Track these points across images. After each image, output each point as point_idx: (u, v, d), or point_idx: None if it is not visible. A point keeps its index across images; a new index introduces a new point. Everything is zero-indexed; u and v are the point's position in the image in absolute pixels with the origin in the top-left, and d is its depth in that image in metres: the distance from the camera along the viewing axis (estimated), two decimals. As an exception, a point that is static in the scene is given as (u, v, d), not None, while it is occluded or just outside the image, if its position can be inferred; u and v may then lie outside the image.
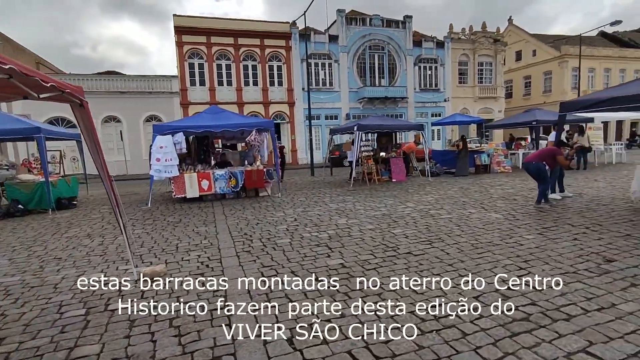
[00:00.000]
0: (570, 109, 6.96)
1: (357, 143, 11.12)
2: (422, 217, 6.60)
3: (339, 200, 8.87)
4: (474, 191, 9.30)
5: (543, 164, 7.05)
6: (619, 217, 5.89)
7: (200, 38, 23.53)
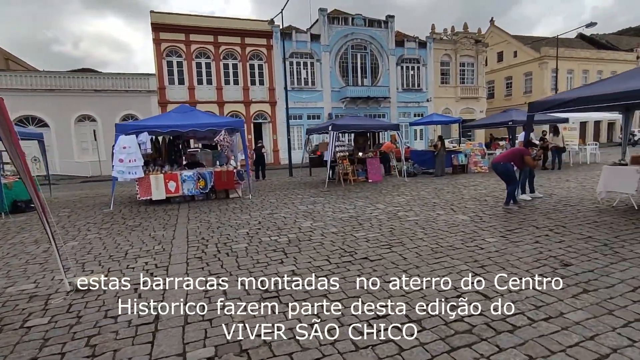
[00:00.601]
0: (538, 109, 6.91)
1: (331, 143, 10.93)
2: (388, 219, 6.44)
3: (309, 201, 8.66)
4: (446, 192, 9.21)
5: (511, 165, 6.98)
6: (583, 219, 5.83)
7: (179, 36, 23.01)
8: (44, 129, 20.84)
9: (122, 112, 22.32)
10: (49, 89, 20.48)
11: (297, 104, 26.22)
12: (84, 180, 18.83)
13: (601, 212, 6.22)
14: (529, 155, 6.97)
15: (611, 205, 6.71)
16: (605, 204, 6.84)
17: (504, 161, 7.00)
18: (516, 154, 7.04)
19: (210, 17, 24.09)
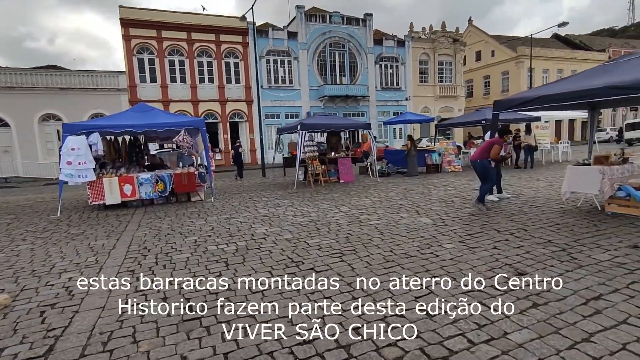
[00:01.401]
0: (502, 108, 6.72)
1: (300, 143, 10.58)
2: (349, 223, 6.14)
3: (273, 204, 8.29)
4: (415, 192, 8.99)
5: (487, 162, 6.77)
6: (547, 221, 5.66)
7: (150, 32, 22.22)
8: (4, 128, 19.83)
9: (90, 111, 21.40)
10: (9, 87, 19.43)
11: (275, 102, 25.80)
12: (47, 183, 17.92)
13: (565, 214, 6.07)
14: (499, 145, 6.73)
15: (575, 206, 6.58)
16: (570, 205, 6.72)
17: (480, 158, 6.81)
18: (488, 146, 6.81)
19: (182, 13, 23.36)
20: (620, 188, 5.87)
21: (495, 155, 6.70)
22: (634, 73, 5.04)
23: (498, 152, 6.72)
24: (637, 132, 24.95)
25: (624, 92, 4.88)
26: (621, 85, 4.91)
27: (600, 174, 5.86)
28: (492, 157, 6.74)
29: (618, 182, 6.19)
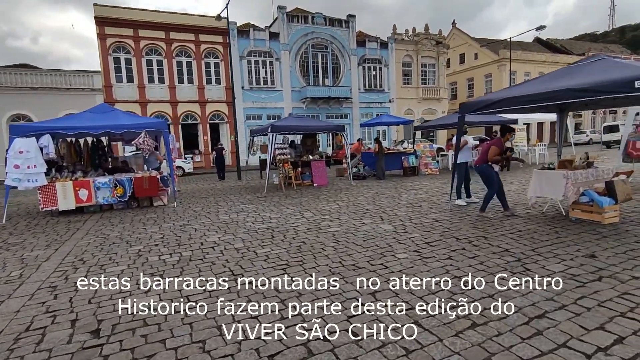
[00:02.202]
0: (468, 110, 6.52)
1: (271, 145, 10.27)
2: (307, 230, 5.85)
3: (236, 209, 7.96)
4: (386, 197, 8.76)
5: (487, 166, 6.24)
6: (509, 227, 5.46)
7: (126, 31, 21.63)
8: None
9: (63, 112, 20.53)
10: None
11: (256, 104, 25.43)
12: (14, 186, 17.16)
13: (529, 219, 5.89)
14: (497, 147, 6.18)
15: (542, 211, 6.42)
16: (536, 210, 6.56)
17: (479, 162, 6.39)
18: (487, 149, 6.28)
19: (160, 12, 22.82)
20: (583, 193, 5.72)
21: (492, 157, 6.17)
22: (594, 76, 4.89)
23: (496, 153, 6.15)
24: (614, 134, 25.29)
25: (584, 94, 4.72)
26: (581, 88, 4.75)
27: (564, 178, 5.70)
28: (490, 160, 6.20)
29: (582, 187, 6.06)
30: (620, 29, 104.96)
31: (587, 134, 33.86)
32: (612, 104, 7.06)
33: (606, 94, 4.51)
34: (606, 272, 3.58)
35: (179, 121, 23.67)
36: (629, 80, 4.26)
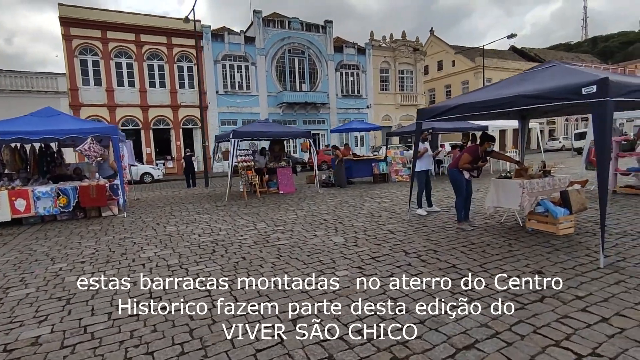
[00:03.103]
0: (425, 117, 6.30)
1: (232, 152, 9.86)
2: (253, 244, 5.47)
3: (188, 220, 7.51)
4: (348, 205, 8.46)
5: (456, 171, 5.93)
6: (463, 239, 5.22)
7: (94, 32, 20.89)
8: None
9: (24, 116, 19.70)
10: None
11: (231, 108, 24.94)
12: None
13: (485, 230, 5.68)
14: (469, 154, 5.81)
15: (500, 221, 6.22)
16: (495, 219, 6.36)
17: (451, 167, 6.09)
18: (461, 154, 5.96)
19: (130, 13, 22.15)
20: (539, 203, 5.55)
21: (462, 164, 5.82)
22: (545, 82, 4.72)
23: (466, 161, 5.79)
24: (584, 141, 25.88)
25: (534, 101, 4.54)
26: (531, 94, 4.56)
27: (520, 187, 5.51)
28: (460, 167, 5.86)
29: (538, 197, 5.90)
30: (593, 39, 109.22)
31: (559, 140, 34.67)
32: (570, 112, 6.97)
33: (555, 101, 4.32)
34: (550, 292, 3.34)
35: (150, 126, 22.95)
36: (576, 86, 4.09)
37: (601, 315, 2.87)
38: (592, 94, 3.93)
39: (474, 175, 5.97)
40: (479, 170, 6.00)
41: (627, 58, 65.83)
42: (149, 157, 23.01)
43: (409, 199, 7.00)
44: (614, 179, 8.68)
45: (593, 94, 3.93)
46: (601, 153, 3.93)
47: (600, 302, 3.09)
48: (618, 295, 3.20)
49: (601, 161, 3.93)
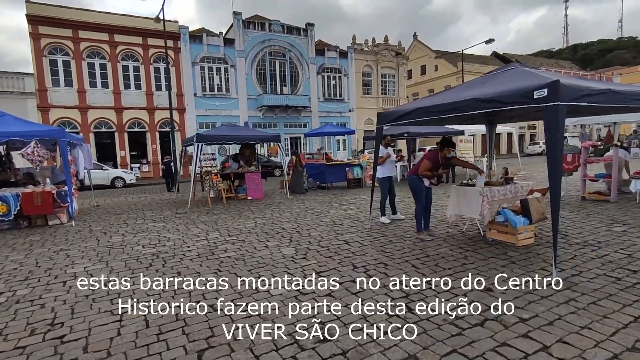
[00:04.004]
0: (384, 121, 6.02)
1: (196, 156, 9.42)
2: (196, 257, 5.07)
3: (139, 229, 7.06)
4: (312, 213, 8.12)
5: (415, 178, 5.59)
6: (419, 251, 4.92)
7: (64, 31, 20.18)
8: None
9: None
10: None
11: (210, 111, 24.42)
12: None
13: (445, 241, 5.39)
14: (429, 160, 5.49)
15: (462, 230, 5.96)
16: (457, 228, 6.10)
17: (411, 173, 5.76)
18: (421, 161, 5.63)
19: (103, 12, 21.52)
20: (499, 212, 5.30)
21: (422, 171, 5.49)
22: (502, 85, 4.47)
23: (426, 168, 5.47)
24: (563, 146, 26.11)
25: (488, 105, 4.28)
26: (485, 98, 4.30)
27: (481, 196, 5.25)
28: (420, 174, 5.54)
29: (502, 205, 5.66)
30: (573, 47, 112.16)
31: (540, 144, 35.07)
32: (532, 117, 6.77)
33: (508, 105, 4.08)
34: (493, 313, 3.04)
35: (124, 129, 22.27)
36: (528, 90, 3.84)
37: (542, 343, 2.58)
38: (543, 97, 3.69)
39: (434, 183, 5.69)
40: (439, 178, 5.71)
41: (606, 65, 67.66)
42: (124, 160, 22.32)
43: (369, 207, 6.69)
44: (582, 185, 8.56)
45: (544, 98, 3.68)
46: (552, 160, 3.68)
47: (545, 326, 2.80)
48: (565, 317, 2.92)
49: (553, 169, 3.67)
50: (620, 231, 5.48)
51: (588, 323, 2.82)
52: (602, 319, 2.88)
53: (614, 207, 7.33)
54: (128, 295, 3.77)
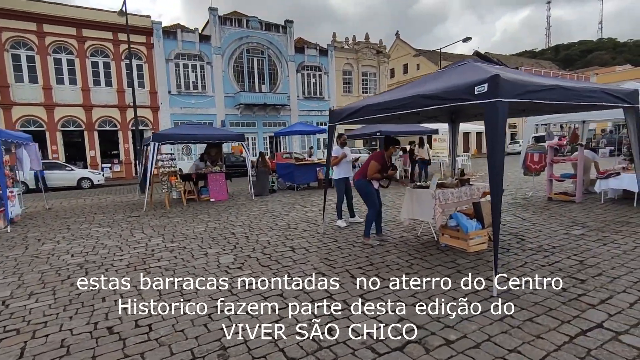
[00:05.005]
0: (336, 119, 5.67)
1: (152, 156, 8.93)
2: (125, 267, 4.64)
3: (78, 235, 6.56)
4: (271, 215, 7.74)
5: (364, 181, 5.27)
6: (365, 259, 4.59)
7: (27, 25, 19.28)
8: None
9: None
10: None
11: (185, 109, 23.75)
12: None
13: (396, 246, 5.08)
14: (377, 162, 5.18)
15: (416, 235, 5.66)
16: (413, 233, 5.80)
17: (357, 177, 5.37)
18: (367, 162, 5.31)
19: (70, 6, 20.63)
20: (451, 216, 5.01)
21: (372, 174, 5.18)
22: (448, 81, 4.16)
23: (375, 170, 5.16)
24: (541, 144, 26.31)
25: (431, 102, 3.97)
26: (428, 95, 3.99)
27: (434, 199, 4.95)
28: (369, 176, 5.24)
29: (456, 208, 5.38)
30: (555, 47, 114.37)
31: (520, 144, 35.37)
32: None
33: (450, 102, 3.77)
34: (422, 333, 2.72)
35: (94, 127, 21.46)
36: (469, 86, 3.53)
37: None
38: (484, 93, 3.39)
39: (384, 185, 5.39)
40: (388, 180, 5.41)
41: (586, 65, 69.04)
42: (94, 160, 21.52)
43: (323, 211, 6.35)
44: (549, 186, 8.39)
45: (484, 94, 3.38)
46: (493, 161, 3.38)
47: (470, 350, 2.49)
48: (495, 338, 2.61)
49: (493, 171, 3.37)
50: (578, 234, 5.26)
51: (518, 345, 2.52)
52: (534, 339, 2.58)
53: (578, 208, 7.15)
54: (20, 316, 3.33)
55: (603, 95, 4.27)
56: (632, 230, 5.33)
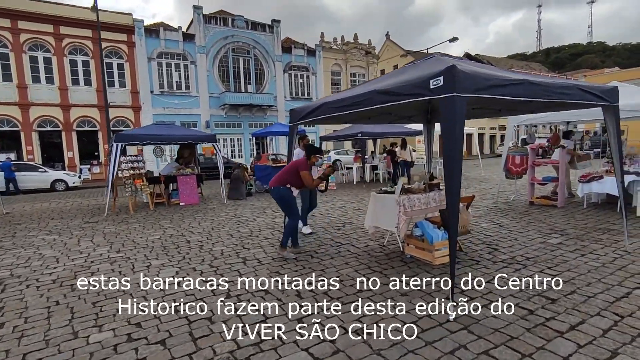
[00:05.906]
0: (296, 118, 5.22)
1: (114, 158, 8.40)
2: (51, 283, 4.14)
3: (20, 244, 6.02)
4: (237, 221, 7.26)
5: (286, 189, 4.87)
6: (319, 272, 4.13)
7: (1, 21, 18.58)
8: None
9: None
10: None
11: (168, 109, 23.14)
12: None
13: (358, 257, 4.64)
14: (306, 171, 4.79)
15: (382, 244, 5.22)
16: (379, 241, 5.36)
17: (276, 184, 4.92)
18: (292, 170, 4.86)
19: (46, 2, 19.93)
20: (416, 224, 4.58)
21: (309, 183, 4.80)
22: (407, 76, 3.73)
23: (310, 181, 4.78)
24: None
25: (387, 98, 3.54)
26: (383, 90, 3.56)
27: (398, 206, 4.51)
28: (314, 186, 4.94)
29: (424, 215, 4.95)
30: (546, 50, 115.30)
31: (511, 145, 35.19)
32: (475, 114, 6.10)
33: (406, 97, 3.34)
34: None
35: (72, 127, 20.77)
36: (424, 79, 3.11)
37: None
38: (439, 87, 2.96)
39: (322, 189, 5.14)
40: (325, 184, 5.12)
41: (576, 68, 69.44)
42: (72, 161, 20.84)
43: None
44: (530, 189, 8.02)
45: (440, 88, 2.96)
46: (450, 164, 2.94)
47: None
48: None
49: (449, 177, 2.94)
50: (555, 244, 4.86)
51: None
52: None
53: (559, 213, 6.78)
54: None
55: (578, 92, 3.87)
56: (613, 238, 4.94)
